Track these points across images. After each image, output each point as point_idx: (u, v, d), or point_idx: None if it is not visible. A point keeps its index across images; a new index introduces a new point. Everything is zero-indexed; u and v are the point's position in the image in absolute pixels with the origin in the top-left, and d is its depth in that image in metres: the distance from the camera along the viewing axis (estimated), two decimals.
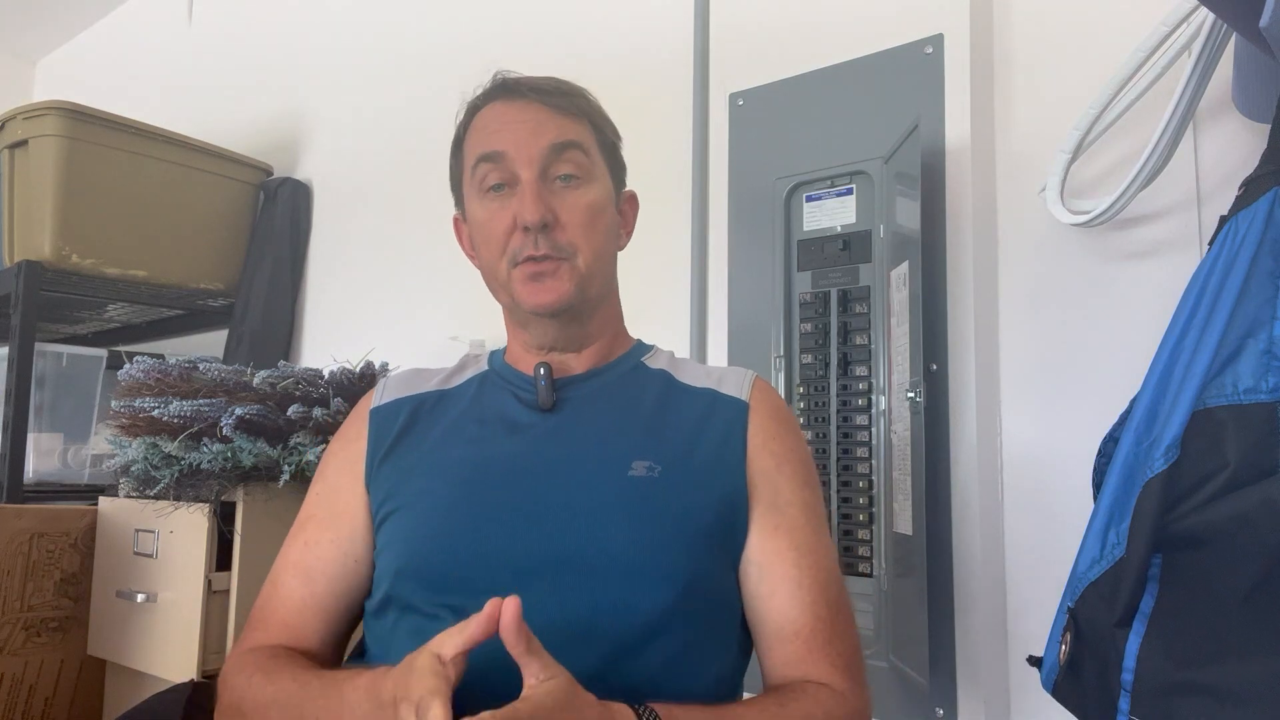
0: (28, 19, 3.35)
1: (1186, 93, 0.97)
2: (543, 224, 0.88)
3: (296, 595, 0.88)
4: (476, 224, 0.94)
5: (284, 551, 0.92)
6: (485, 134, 0.93)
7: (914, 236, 1.20)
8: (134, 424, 1.43)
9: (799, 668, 0.82)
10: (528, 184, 0.89)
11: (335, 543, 0.90)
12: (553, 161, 0.90)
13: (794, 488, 0.89)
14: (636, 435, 0.88)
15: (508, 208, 0.90)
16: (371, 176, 2.24)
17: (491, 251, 0.92)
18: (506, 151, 0.90)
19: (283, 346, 2.30)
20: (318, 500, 0.94)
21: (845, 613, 0.87)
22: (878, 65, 1.35)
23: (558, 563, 0.79)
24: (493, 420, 0.92)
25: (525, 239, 0.89)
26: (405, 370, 1.03)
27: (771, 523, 0.87)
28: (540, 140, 0.90)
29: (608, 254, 0.95)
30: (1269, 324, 0.70)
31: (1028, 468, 1.20)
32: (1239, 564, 0.66)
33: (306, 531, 0.92)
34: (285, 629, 0.87)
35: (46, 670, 1.59)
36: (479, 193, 0.93)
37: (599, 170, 0.94)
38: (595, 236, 0.92)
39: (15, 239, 2.04)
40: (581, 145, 0.92)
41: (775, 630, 0.84)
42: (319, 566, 0.89)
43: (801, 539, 0.86)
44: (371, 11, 2.31)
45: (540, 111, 0.92)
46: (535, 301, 0.89)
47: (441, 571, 0.81)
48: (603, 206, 0.93)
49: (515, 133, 0.90)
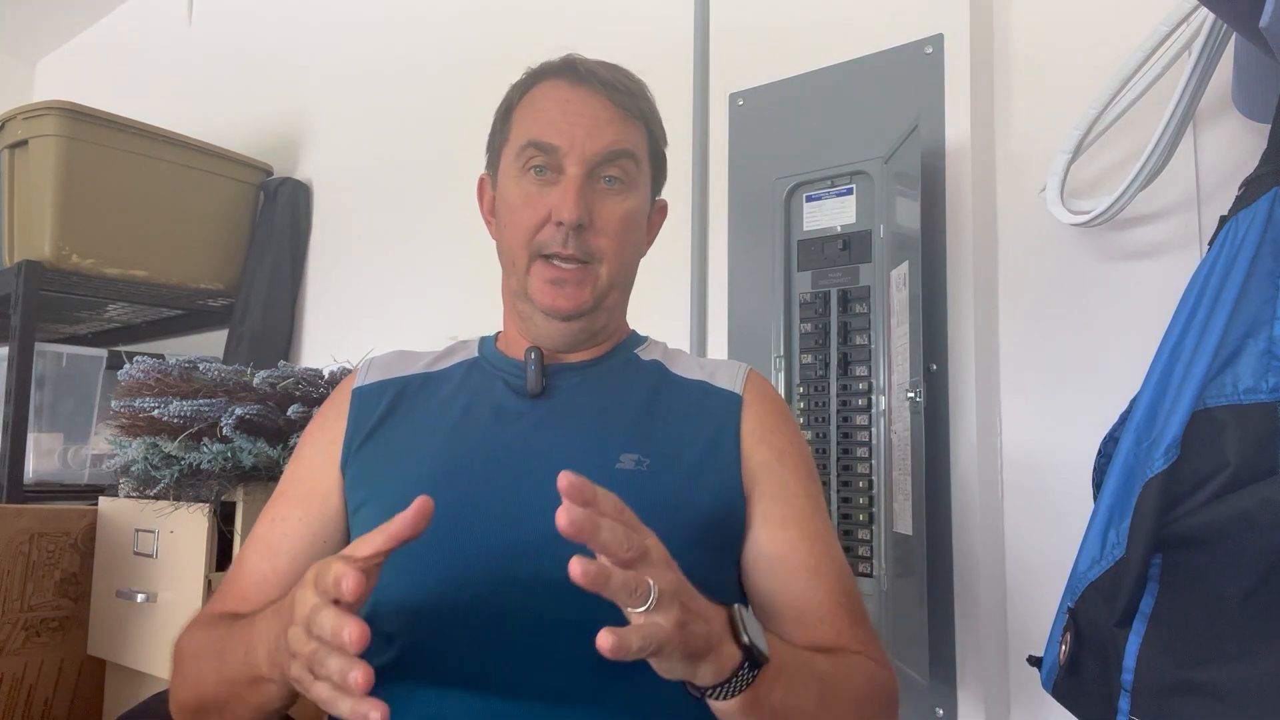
0: (28, 19, 3.35)
1: (1186, 93, 0.97)
2: (578, 224, 0.86)
3: (258, 570, 0.87)
4: (507, 201, 0.91)
5: (254, 528, 0.91)
6: (542, 118, 0.90)
7: (914, 236, 1.20)
8: (134, 424, 1.43)
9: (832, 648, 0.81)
10: (572, 180, 0.87)
11: (303, 520, 0.88)
12: (603, 165, 0.89)
13: (799, 480, 0.88)
14: (626, 427, 0.87)
15: (545, 197, 0.88)
16: (371, 176, 2.24)
17: (517, 236, 0.90)
18: (560, 147, 0.88)
19: (283, 346, 2.30)
20: (291, 478, 0.92)
21: (860, 600, 0.87)
22: (878, 65, 1.35)
23: (539, 559, 0.77)
24: (479, 407, 0.90)
25: (556, 234, 0.87)
26: (391, 351, 1.00)
27: (779, 515, 0.86)
28: (596, 142, 0.88)
29: (631, 264, 0.94)
30: (1269, 324, 0.70)
31: (1028, 468, 1.20)
32: (1239, 564, 0.66)
33: (276, 507, 0.90)
34: (243, 602, 0.85)
35: (46, 670, 1.59)
36: (519, 170, 0.90)
37: (643, 179, 0.93)
38: (625, 247, 0.91)
39: (15, 239, 2.04)
40: (634, 155, 0.91)
41: (798, 619, 0.83)
42: (283, 543, 0.87)
43: (812, 530, 0.86)
44: (371, 11, 2.31)
45: (603, 108, 0.90)
46: (551, 305, 0.89)
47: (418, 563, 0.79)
48: (638, 218, 0.92)
49: (573, 127, 0.88)
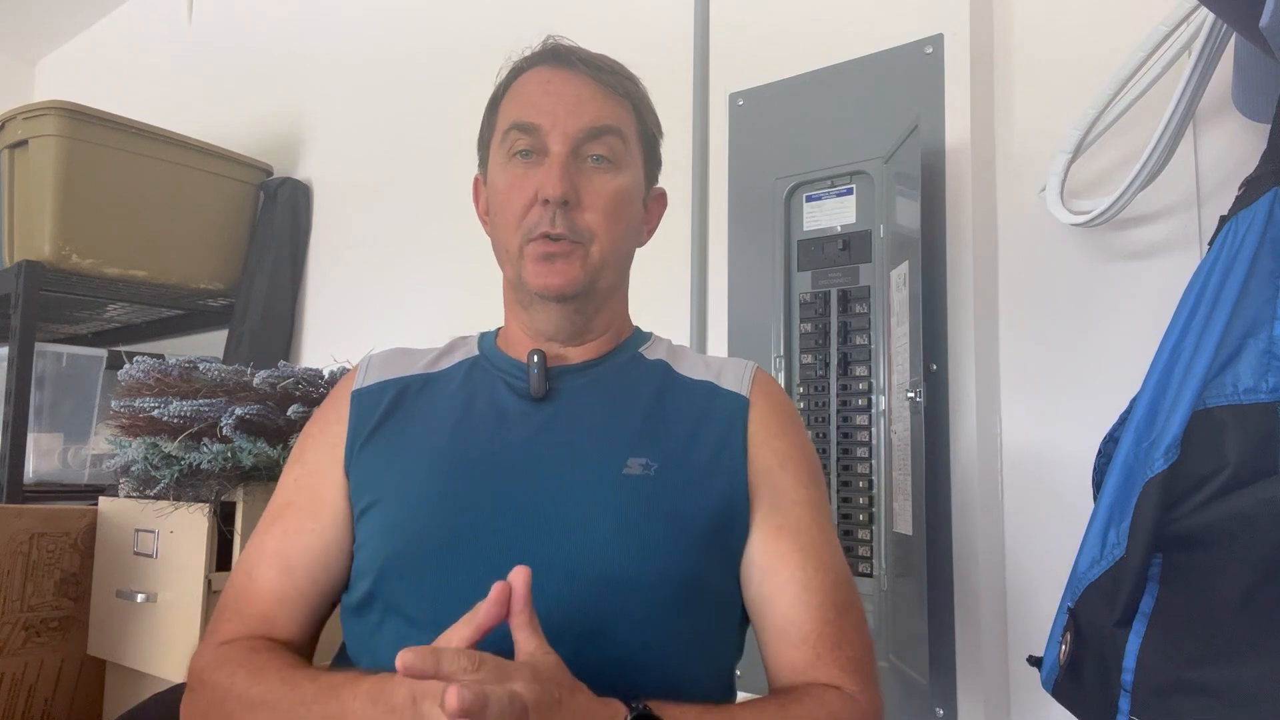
0: (28, 19, 3.35)
1: (1186, 93, 0.97)
2: (563, 199, 0.84)
3: (275, 586, 0.84)
4: (496, 190, 0.90)
5: (259, 540, 0.88)
6: (524, 101, 0.89)
7: (914, 236, 1.20)
8: (134, 424, 1.43)
9: (807, 673, 0.80)
10: (556, 157, 0.85)
11: (315, 533, 0.86)
12: (587, 141, 0.86)
13: (798, 486, 0.86)
14: (632, 430, 0.85)
15: (531, 178, 0.86)
16: (371, 176, 2.24)
17: (507, 221, 0.88)
18: (542, 125, 0.86)
19: (283, 346, 2.30)
20: (296, 486, 0.89)
21: (854, 613, 0.84)
22: (878, 65, 1.35)
23: (548, 564, 0.76)
24: (481, 409, 0.88)
25: (543, 213, 0.85)
26: (389, 349, 0.97)
27: (775, 524, 0.84)
28: (580, 118, 0.86)
29: (625, 246, 0.91)
30: (1269, 324, 0.70)
31: (1028, 468, 1.20)
32: (1239, 564, 0.66)
33: (285, 519, 0.87)
34: (263, 620, 0.83)
35: (46, 670, 1.59)
36: (505, 157, 0.89)
37: (633, 160, 0.91)
38: (615, 226, 0.88)
39: (15, 239, 2.04)
40: (620, 132, 0.88)
41: (781, 635, 0.82)
42: (298, 557, 0.85)
43: (807, 540, 0.84)
44: (371, 12, 2.31)
45: (586, 85, 0.88)
46: (542, 283, 0.86)
47: (425, 570, 0.79)
48: (629, 196, 0.89)
49: (555, 105, 0.86)
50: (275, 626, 0.84)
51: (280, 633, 0.84)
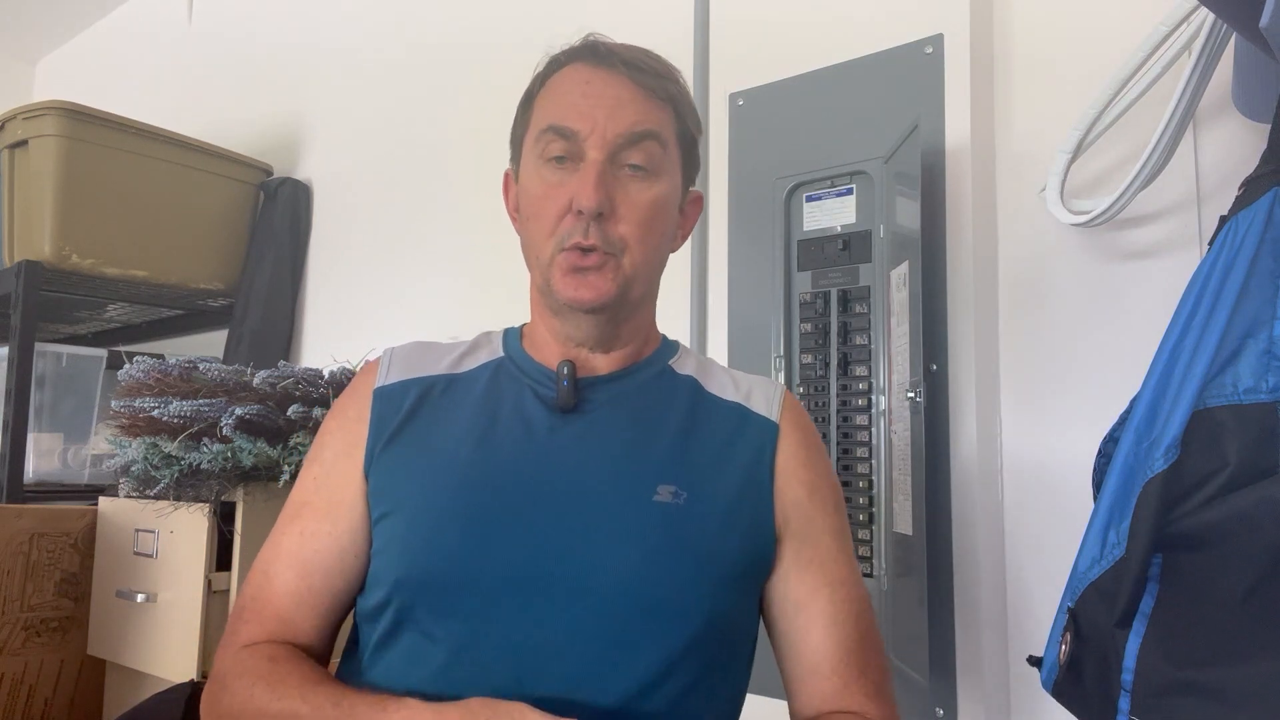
0: (28, 19, 3.35)
1: (1186, 93, 0.97)
2: (598, 212, 0.82)
3: (292, 588, 0.83)
4: (528, 193, 0.87)
5: (276, 539, 0.87)
6: (561, 102, 0.86)
7: (914, 236, 1.20)
8: (134, 424, 1.43)
9: (832, 702, 0.81)
10: (591, 165, 0.82)
11: (332, 535, 0.84)
12: (625, 148, 0.84)
13: (825, 515, 0.87)
14: (661, 453, 0.83)
15: (566, 186, 0.83)
16: (371, 176, 2.24)
17: (540, 228, 0.85)
18: (579, 131, 0.83)
19: (283, 346, 2.30)
20: (315, 486, 0.87)
21: (874, 637, 0.85)
22: (878, 65, 1.35)
23: (571, 591, 0.76)
24: (507, 419, 0.85)
25: (577, 223, 0.83)
26: (411, 344, 0.94)
27: (805, 557, 0.84)
28: (618, 123, 0.83)
29: (659, 256, 0.89)
30: (1269, 324, 0.70)
31: (1028, 468, 1.20)
32: (1239, 564, 0.66)
33: (303, 520, 0.86)
34: (281, 623, 0.83)
35: (46, 670, 1.59)
36: (539, 159, 0.86)
37: (671, 165, 0.88)
38: (650, 236, 0.85)
39: (15, 239, 2.04)
40: (660, 137, 0.86)
41: (811, 668, 0.82)
42: (316, 560, 0.84)
43: (834, 572, 0.85)
44: (371, 12, 2.31)
45: (625, 88, 0.85)
46: (573, 296, 0.83)
47: (445, 588, 0.78)
48: (665, 205, 0.87)
49: (593, 109, 0.84)
50: (293, 629, 0.83)
51: (298, 635, 0.84)
